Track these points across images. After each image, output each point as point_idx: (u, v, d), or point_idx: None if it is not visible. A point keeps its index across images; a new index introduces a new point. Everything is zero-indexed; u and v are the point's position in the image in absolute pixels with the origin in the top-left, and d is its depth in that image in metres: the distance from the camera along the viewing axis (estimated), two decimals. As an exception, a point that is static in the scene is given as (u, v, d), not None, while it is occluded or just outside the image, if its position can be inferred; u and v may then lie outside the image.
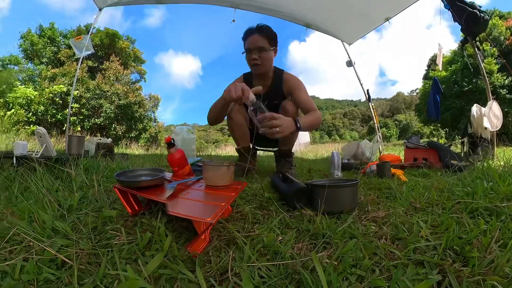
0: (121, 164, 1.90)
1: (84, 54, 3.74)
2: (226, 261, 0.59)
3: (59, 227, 0.72)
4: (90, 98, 11.63)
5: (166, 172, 0.97)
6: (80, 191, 1.09)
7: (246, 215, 0.87)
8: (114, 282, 0.51)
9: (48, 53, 12.99)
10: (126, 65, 14.36)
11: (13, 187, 1.12)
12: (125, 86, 13.00)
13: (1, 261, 0.57)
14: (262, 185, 1.21)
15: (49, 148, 1.89)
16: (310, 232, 0.74)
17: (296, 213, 0.91)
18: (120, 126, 12.34)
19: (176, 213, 0.65)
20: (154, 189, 0.83)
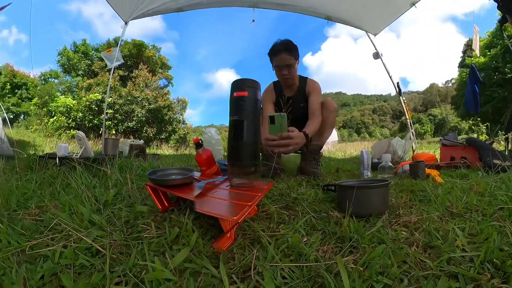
0: (153, 163, 2.02)
1: (115, 65, 4.02)
2: (249, 259, 0.58)
3: (95, 219, 0.78)
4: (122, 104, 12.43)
5: (195, 172, 1.00)
6: (115, 188, 1.16)
7: (272, 215, 0.86)
8: (142, 272, 0.54)
9: (83, 66, 14.35)
10: (154, 72, 15.14)
11: (56, 183, 1.21)
12: (154, 92, 13.72)
13: (44, 246, 0.64)
14: (289, 184, 1.19)
15: (87, 149, 2.05)
16: (337, 235, 0.71)
17: (323, 215, 0.89)
18: (151, 128, 13.01)
19: (204, 210, 0.66)
20: (183, 187, 0.85)
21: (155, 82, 14.50)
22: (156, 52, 15.79)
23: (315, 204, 0.99)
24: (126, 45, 14.15)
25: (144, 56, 14.92)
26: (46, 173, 1.45)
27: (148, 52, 15.05)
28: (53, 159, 1.77)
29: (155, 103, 13.13)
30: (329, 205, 0.97)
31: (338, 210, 0.91)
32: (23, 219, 0.80)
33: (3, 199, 0.97)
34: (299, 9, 3.80)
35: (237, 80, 0.90)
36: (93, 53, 14.79)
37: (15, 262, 0.57)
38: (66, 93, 13.20)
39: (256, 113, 0.87)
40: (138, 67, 14.22)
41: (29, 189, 1.14)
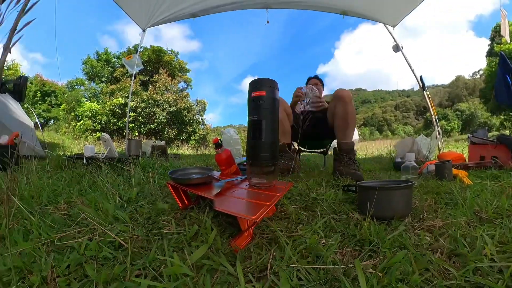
0: (174, 163, 2.09)
1: (136, 70, 4.22)
2: (266, 259, 0.58)
3: (119, 215, 0.81)
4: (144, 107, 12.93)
5: (214, 171, 1.02)
6: (138, 186, 1.20)
7: (290, 215, 0.84)
8: (161, 266, 0.56)
9: (106, 73, 15.07)
10: (173, 76, 15.62)
11: (83, 181, 1.28)
12: (174, 94, 14.15)
13: (71, 239, 0.68)
14: (308, 184, 1.17)
15: (112, 150, 2.17)
16: (356, 238, 0.69)
17: (343, 216, 0.86)
18: (172, 130, 13.40)
19: (223, 209, 0.67)
20: (203, 186, 0.86)
21: (174, 85, 14.94)
22: (174, 56, 16.25)
23: (335, 205, 0.96)
24: (145, 51, 14.71)
25: (163, 61, 15.41)
26: (74, 172, 1.54)
27: (166, 57, 15.53)
28: (80, 159, 1.88)
29: (175, 105, 13.51)
30: (349, 207, 0.94)
31: (359, 212, 0.88)
32: (53, 213, 0.86)
33: (36, 195, 1.03)
34: (313, 6, 3.70)
35: (255, 80, 0.90)
36: (115, 61, 15.51)
37: (44, 252, 0.61)
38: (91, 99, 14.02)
39: (274, 113, 0.87)
40: (158, 72, 14.74)
41: (58, 186, 1.21)
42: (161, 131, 13.17)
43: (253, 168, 0.88)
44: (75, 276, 0.54)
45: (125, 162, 1.71)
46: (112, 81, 14.53)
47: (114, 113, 12.30)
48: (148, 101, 13.02)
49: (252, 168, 0.88)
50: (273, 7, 3.71)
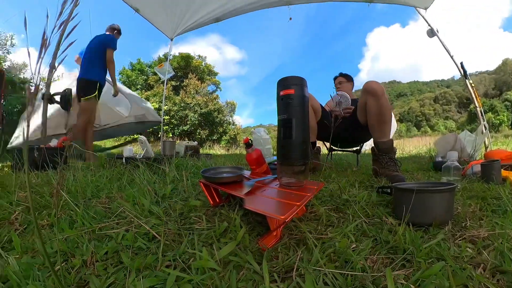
0: (206, 162, 2.16)
1: (167, 77, 4.52)
2: (293, 260, 0.57)
3: (154, 210, 0.86)
4: (177, 110, 13.64)
5: (245, 170, 1.02)
6: (172, 183, 1.25)
7: (320, 217, 0.82)
8: (190, 259, 0.58)
9: (140, 81, 16.27)
10: (203, 79, 16.36)
11: (123, 179, 1.37)
12: (204, 97, 14.73)
13: (110, 229, 0.74)
14: (340, 185, 1.12)
15: (148, 151, 2.34)
16: (389, 244, 0.64)
17: (376, 220, 0.81)
18: (203, 131, 13.95)
19: (252, 208, 0.67)
20: (234, 185, 0.87)
21: (204, 89, 15.57)
22: (202, 61, 16.92)
23: (368, 207, 0.91)
24: (175, 59, 15.67)
25: (192, 66, 16.25)
26: (114, 170, 1.65)
27: (195, 62, 16.32)
28: (120, 159, 2.04)
29: (206, 107, 14.03)
30: (383, 210, 0.88)
31: (393, 216, 0.82)
32: (95, 206, 0.93)
33: (81, 190, 1.13)
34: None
35: (283, 78, 0.88)
36: (147, 69, 16.70)
37: (86, 239, 0.68)
38: None
39: (304, 111, 0.84)
40: (187, 77, 15.53)
41: (101, 183, 1.31)
42: (194, 132, 13.75)
43: (284, 167, 0.86)
44: (112, 262, 0.59)
45: (161, 161, 1.80)
46: (146, 88, 15.62)
47: (150, 117, 13.17)
48: (180, 104, 13.70)
49: (283, 167, 0.87)
50: (295, 2, 3.61)
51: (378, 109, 1.47)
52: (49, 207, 0.95)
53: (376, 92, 1.46)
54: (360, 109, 1.65)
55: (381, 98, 1.45)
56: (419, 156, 3.56)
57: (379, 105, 1.46)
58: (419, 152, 4.32)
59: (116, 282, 0.52)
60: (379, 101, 1.46)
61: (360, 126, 1.72)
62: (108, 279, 0.52)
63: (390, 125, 1.53)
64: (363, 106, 1.58)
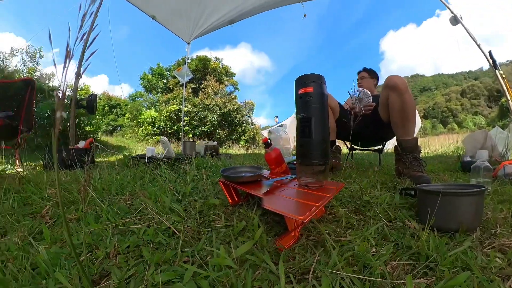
0: (225, 162, 2.20)
1: (186, 80, 4.66)
2: (310, 261, 0.56)
3: (174, 207, 0.89)
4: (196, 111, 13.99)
5: (264, 170, 1.02)
6: (192, 182, 1.28)
7: (340, 218, 0.79)
8: (208, 256, 0.59)
9: (160, 84, 16.92)
10: (220, 81, 16.63)
11: (145, 177, 1.43)
12: (222, 98, 14.97)
13: (132, 224, 0.78)
14: (361, 186, 1.08)
15: (170, 151, 2.43)
16: (411, 250, 0.60)
17: (398, 224, 0.77)
18: (223, 131, 14.19)
19: (271, 207, 0.66)
20: (252, 184, 0.87)
21: (222, 90, 15.79)
22: (219, 63, 17.20)
23: (390, 210, 0.87)
24: (193, 62, 16.09)
25: (210, 68, 16.59)
26: (137, 169, 1.72)
27: (212, 64, 16.64)
28: (143, 159, 2.13)
29: (225, 108, 14.24)
30: (406, 213, 0.84)
31: (417, 220, 0.78)
32: (119, 203, 0.98)
33: (106, 187, 1.20)
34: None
35: (301, 76, 0.85)
36: (167, 73, 17.31)
37: (110, 233, 0.72)
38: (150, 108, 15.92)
39: (323, 109, 0.82)
40: (206, 79, 15.87)
41: (124, 181, 1.37)
42: (213, 132, 14.02)
43: (303, 167, 0.85)
44: (133, 255, 0.62)
45: (181, 161, 1.86)
46: (166, 91, 16.23)
47: (170, 118, 13.65)
48: (199, 106, 14.03)
49: (302, 167, 0.85)
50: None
51: (401, 105, 1.38)
52: (77, 203, 1.01)
53: (398, 87, 1.36)
54: (382, 106, 1.56)
55: (404, 93, 1.36)
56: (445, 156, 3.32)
57: (402, 101, 1.37)
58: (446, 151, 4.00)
59: (136, 274, 0.54)
60: (402, 97, 1.36)
61: (382, 123, 1.62)
62: (128, 271, 0.55)
63: (415, 122, 1.44)
64: (385, 102, 1.49)
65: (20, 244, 0.68)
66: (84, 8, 0.36)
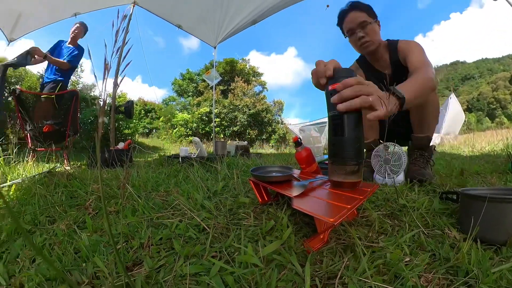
0: (255, 161, 2.23)
1: (215, 82, 4.86)
2: (337, 266, 0.54)
3: (205, 204, 0.93)
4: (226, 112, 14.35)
5: (294, 169, 1.02)
6: (223, 181, 1.32)
7: (373, 223, 0.74)
8: (235, 253, 0.61)
9: (191, 88, 17.87)
10: (249, 81, 16.80)
11: (179, 176, 1.51)
12: (251, 98, 15.14)
13: (166, 219, 0.83)
14: (397, 188, 1.01)
15: (202, 151, 2.54)
16: (450, 263, 0.54)
17: (436, 232, 0.71)
18: (253, 130, 14.37)
19: (300, 208, 0.65)
20: (282, 184, 0.87)
21: (251, 90, 15.97)
22: (246, 64, 17.39)
23: (428, 216, 0.80)
24: (220, 65, 16.57)
25: (237, 70, 16.94)
26: (172, 168, 1.82)
27: (239, 65, 16.98)
28: (177, 158, 2.25)
29: (254, 108, 14.40)
30: (446, 221, 0.76)
31: (458, 229, 0.70)
32: (154, 198, 1.05)
33: (143, 184, 1.29)
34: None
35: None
36: (196, 77, 18.16)
37: (145, 225, 0.78)
38: (182, 111, 16.81)
39: None
40: (234, 80, 16.18)
41: (160, 178, 1.46)
42: (243, 132, 14.25)
43: (335, 167, 0.80)
44: (164, 247, 0.66)
45: (213, 160, 1.93)
46: (197, 94, 17.04)
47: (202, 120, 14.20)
48: (229, 107, 14.36)
49: (334, 167, 0.80)
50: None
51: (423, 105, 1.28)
52: (116, 197, 1.10)
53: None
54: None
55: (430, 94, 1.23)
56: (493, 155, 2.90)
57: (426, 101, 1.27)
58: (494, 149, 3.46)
59: (166, 265, 0.58)
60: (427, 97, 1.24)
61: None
62: (159, 261, 0.59)
63: (435, 121, 1.34)
64: None
65: (66, 231, 0.79)
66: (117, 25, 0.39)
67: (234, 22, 4.09)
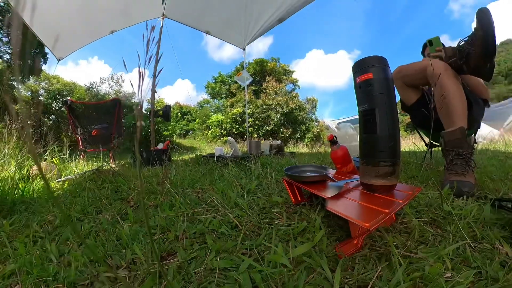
0: (289, 160, 2.22)
1: (247, 83, 4.92)
2: (370, 275, 0.51)
3: (239, 202, 0.95)
4: (259, 112, 14.44)
5: (330, 169, 0.99)
6: (257, 180, 1.33)
7: (412, 230, 0.68)
8: (265, 252, 0.61)
9: (223, 91, 18.30)
10: (280, 80, 16.74)
11: (214, 174, 1.57)
12: (284, 97, 15.00)
13: (200, 214, 0.88)
14: (442, 192, 0.89)
15: (236, 150, 2.63)
16: (498, 284, 0.48)
17: (485, 246, 0.62)
18: (286, 129, 14.25)
19: (335, 210, 0.63)
20: (317, 184, 0.85)
21: (283, 89, 15.88)
22: (276, 63, 17.35)
23: (477, 226, 0.70)
24: (251, 65, 16.76)
25: (268, 69, 16.93)
26: (207, 167, 1.90)
27: (269, 65, 16.97)
28: (212, 158, 2.34)
29: (287, 106, 14.26)
30: (498, 233, 0.66)
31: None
32: (191, 195, 1.12)
33: (180, 181, 1.38)
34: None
35: (358, 61, 0.72)
36: (228, 80, 18.62)
37: (181, 219, 0.84)
38: (217, 112, 17.38)
39: (390, 97, 0.69)
40: (265, 80, 16.20)
41: (196, 176, 1.54)
42: (277, 131, 14.23)
43: (367, 167, 0.74)
44: (198, 241, 0.70)
45: (247, 159, 1.97)
46: (230, 96, 17.43)
47: (236, 120, 14.52)
48: (262, 106, 14.44)
49: (366, 167, 0.74)
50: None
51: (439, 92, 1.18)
52: (156, 193, 1.19)
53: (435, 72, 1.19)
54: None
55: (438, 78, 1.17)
56: None
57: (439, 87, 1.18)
58: None
59: (198, 258, 0.62)
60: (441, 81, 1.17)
61: None
62: (192, 253, 0.63)
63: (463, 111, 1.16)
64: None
65: (110, 220, 0.90)
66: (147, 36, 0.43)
67: (260, 23, 4.14)
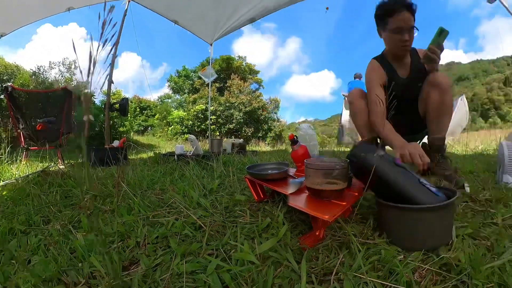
0: (251, 159, 2.22)
1: (211, 79, 4.83)
2: (333, 263, 0.55)
3: (201, 202, 0.93)
4: (222, 110, 14.30)
5: (290, 167, 1.01)
6: (219, 178, 1.32)
7: (368, 220, 0.74)
8: (232, 250, 0.61)
9: (187, 86, 17.74)
10: (245, 79, 16.75)
11: (175, 173, 1.50)
12: (247, 96, 15.10)
13: (162, 217, 0.83)
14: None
15: (198, 149, 2.53)
16: (444, 260, 0.54)
17: None
18: (249, 128, 14.34)
19: (296, 205, 0.66)
20: (278, 182, 0.87)
21: (247, 88, 15.93)
22: (242, 61, 17.40)
23: None
24: (216, 62, 16.38)
25: (233, 67, 16.83)
26: (167, 166, 1.81)
27: (235, 63, 16.90)
28: (172, 156, 2.23)
29: (250, 105, 14.37)
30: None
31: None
32: (150, 196, 1.05)
33: (138, 182, 1.28)
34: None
35: None
36: (192, 74, 18.09)
37: (141, 224, 0.78)
38: (178, 108, 16.80)
39: None
40: (230, 78, 16.11)
41: (155, 176, 1.45)
42: (239, 130, 14.23)
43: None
44: (161, 246, 0.67)
45: (209, 158, 1.93)
46: (193, 92, 16.87)
47: (198, 117, 14.17)
48: (225, 104, 14.32)
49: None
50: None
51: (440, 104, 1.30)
52: (112, 196, 1.09)
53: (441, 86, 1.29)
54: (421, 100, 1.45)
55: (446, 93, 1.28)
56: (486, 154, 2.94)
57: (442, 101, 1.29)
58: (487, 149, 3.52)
59: (162, 263, 0.58)
60: (443, 96, 1.28)
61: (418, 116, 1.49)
62: (156, 259, 0.60)
63: (447, 125, 1.34)
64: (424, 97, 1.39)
65: (61, 231, 0.78)
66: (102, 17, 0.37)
67: (231, 20, 4.06)
